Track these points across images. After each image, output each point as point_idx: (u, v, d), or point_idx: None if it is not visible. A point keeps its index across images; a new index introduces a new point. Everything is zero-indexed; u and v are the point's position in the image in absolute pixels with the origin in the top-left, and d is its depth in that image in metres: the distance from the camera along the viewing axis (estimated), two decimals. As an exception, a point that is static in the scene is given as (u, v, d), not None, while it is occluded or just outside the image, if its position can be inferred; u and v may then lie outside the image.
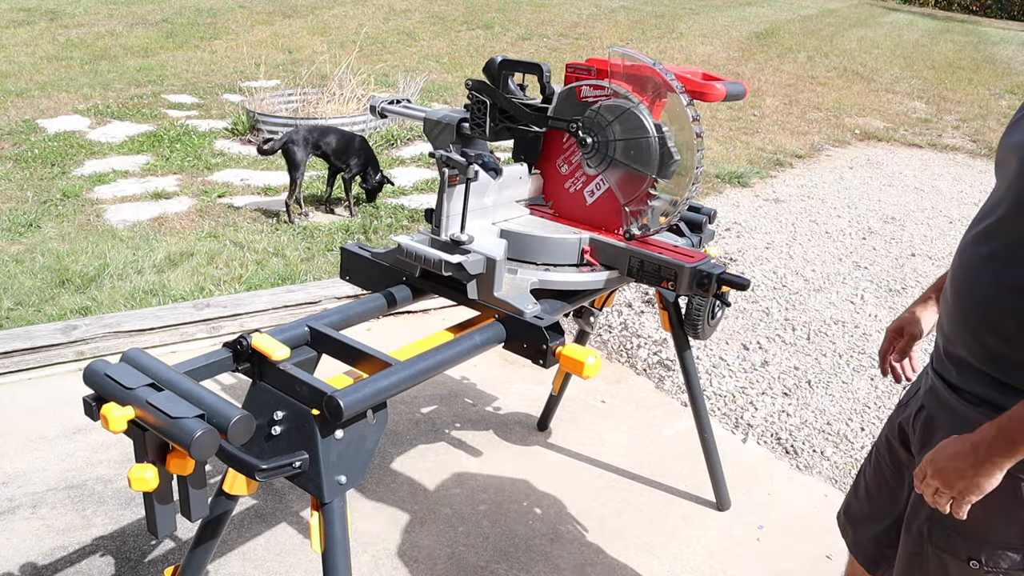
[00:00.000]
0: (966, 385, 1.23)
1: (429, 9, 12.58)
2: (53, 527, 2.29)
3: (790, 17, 15.38)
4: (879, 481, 1.52)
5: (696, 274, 1.66)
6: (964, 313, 1.23)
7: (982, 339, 1.20)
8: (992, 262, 1.19)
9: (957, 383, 1.25)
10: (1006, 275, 1.16)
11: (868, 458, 1.58)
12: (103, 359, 1.33)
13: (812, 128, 7.65)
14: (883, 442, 1.52)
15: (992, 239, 1.20)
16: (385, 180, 4.74)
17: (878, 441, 1.55)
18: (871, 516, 1.54)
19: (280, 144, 4.37)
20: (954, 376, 1.26)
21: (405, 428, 2.88)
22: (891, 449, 1.48)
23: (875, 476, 1.53)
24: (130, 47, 9.04)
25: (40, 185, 4.88)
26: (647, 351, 3.48)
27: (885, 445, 1.51)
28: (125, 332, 3.16)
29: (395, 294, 1.75)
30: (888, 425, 1.51)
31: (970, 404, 1.22)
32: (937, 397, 1.30)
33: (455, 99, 7.39)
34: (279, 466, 1.30)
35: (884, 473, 1.50)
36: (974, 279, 1.22)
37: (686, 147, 1.66)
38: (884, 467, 1.50)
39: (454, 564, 2.26)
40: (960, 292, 1.25)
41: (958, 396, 1.24)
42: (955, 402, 1.24)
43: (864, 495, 1.57)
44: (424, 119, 1.89)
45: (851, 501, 1.62)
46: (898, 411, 1.48)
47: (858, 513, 1.59)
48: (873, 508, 1.54)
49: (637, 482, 2.67)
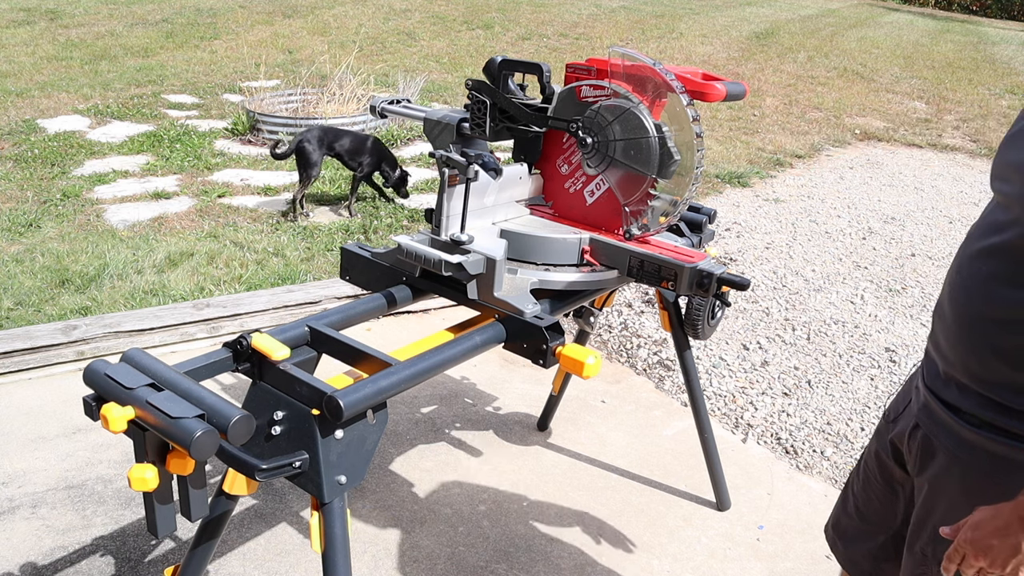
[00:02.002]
0: (966, 407, 1.19)
1: (429, 9, 12.58)
2: (53, 527, 2.29)
3: (790, 17, 15.38)
4: (869, 497, 1.48)
5: (696, 274, 1.66)
6: (964, 334, 1.19)
7: (984, 362, 1.16)
8: (995, 282, 1.14)
9: (957, 404, 1.20)
10: (1010, 297, 1.12)
11: (856, 472, 1.54)
12: (103, 359, 1.33)
13: (812, 128, 7.65)
14: (872, 457, 1.47)
15: (995, 258, 1.15)
16: (406, 173, 4.82)
17: (866, 455, 1.50)
18: (863, 532, 1.51)
19: (294, 146, 4.43)
20: (954, 397, 1.21)
21: (405, 428, 2.88)
22: (882, 465, 1.43)
23: (864, 491, 1.50)
24: (130, 47, 9.04)
25: (40, 185, 4.88)
26: (647, 351, 3.48)
27: (875, 460, 1.46)
28: (125, 332, 3.16)
29: (395, 294, 1.75)
30: (877, 438, 1.46)
31: (971, 426, 1.18)
32: (932, 416, 1.25)
33: (455, 99, 7.39)
34: (279, 466, 1.31)
35: (875, 489, 1.46)
36: (975, 299, 1.17)
37: (686, 147, 1.66)
38: (874, 482, 1.46)
39: (454, 564, 2.26)
40: (960, 313, 1.20)
41: (957, 417, 1.20)
42: (954, 423, 1.20)
43: (854, 511, 1.53)
44: (424, 119, 1.89)
45: (839, 516, 1.58)
46: (887, 426, 1.43)
47: (849, 528, 1.55)
48: (865, 524, 1.50)
49: (637, 482, 2.67)
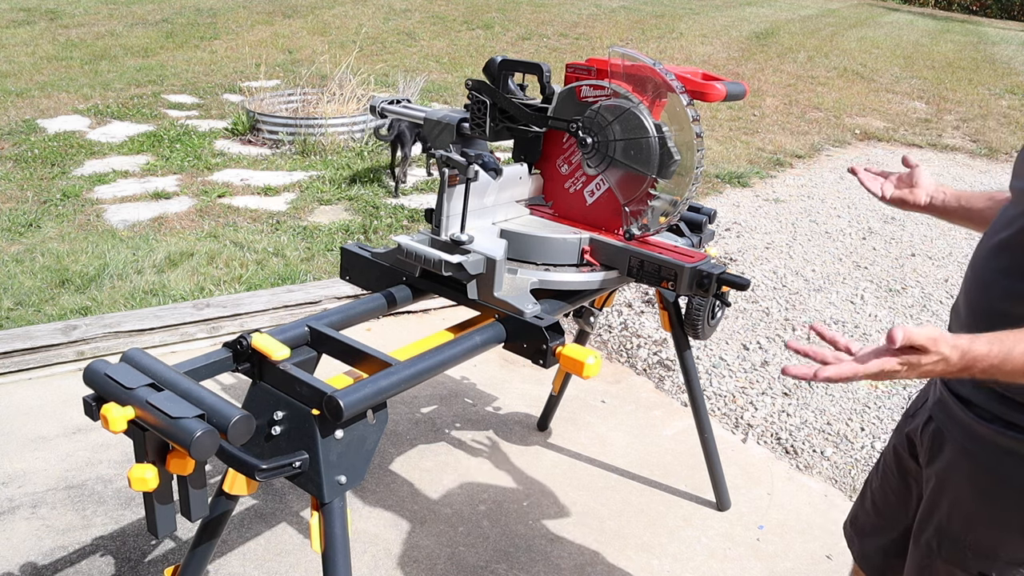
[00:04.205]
0: (978, 400, 1.21)
1: (429, 9, 12.57)
2: (53, 527, 2.29)
3: (790, 17, 15.38)
4: (886, 492, 1.50)
5: (696, 274, 1.66)
6: (977, 328, 1.18)
7: None
8: (1007, 276, 1.16)
9: (969, 397, 1.23)
10: (1021, 290, 1.13)
11: (875, 468, 1.56)
12: (103, 359, 1.33)
13: (812, 128, 7.65)
14: (890, 452, 1.50)
15: (1006, 252, 1.17)
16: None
17: (885, 451, 1.53)
18: (878, 528, 1.52)
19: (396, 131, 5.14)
20: (967, 391, 1.24)
21: (405, 428, 2.88)
22: (899, 459, 1.46)
23: (882, 487, 1.51)
24: (130, 47, 9.04)
25: (40, 185, 4.88)
26: (647, 351, 3.48)
27: (892, 455, 1.48)
28: (125, 332, 3.16)
29: (395, 294, 1.75)
30: (896, 434, 1.49)
31: (981, 419, 1.20)
32: (946, 410, 1.28)
33: (455, 99, 7.39)
34: (279, 466, 1.31)
35: (891, 484, 1.48)
36: (988, 293, 1.19)
37: (686, 147, 1.66)
38: (891, 477, 1.48)
39: (454, 564, 2.26)
40: (974, 308, 1.22)
41: (968, 410, 1.22)
42: (964, 416, 1.23)
43: (871, 506, 1.55)
44: (424, 119, 1.89)
45: (858, 511, 1.60)
46: (905, 421, 1.46)
47: (865, 524, 1.56)
48: (880, 519, 1.52)
49: (637, 482, 2.67)
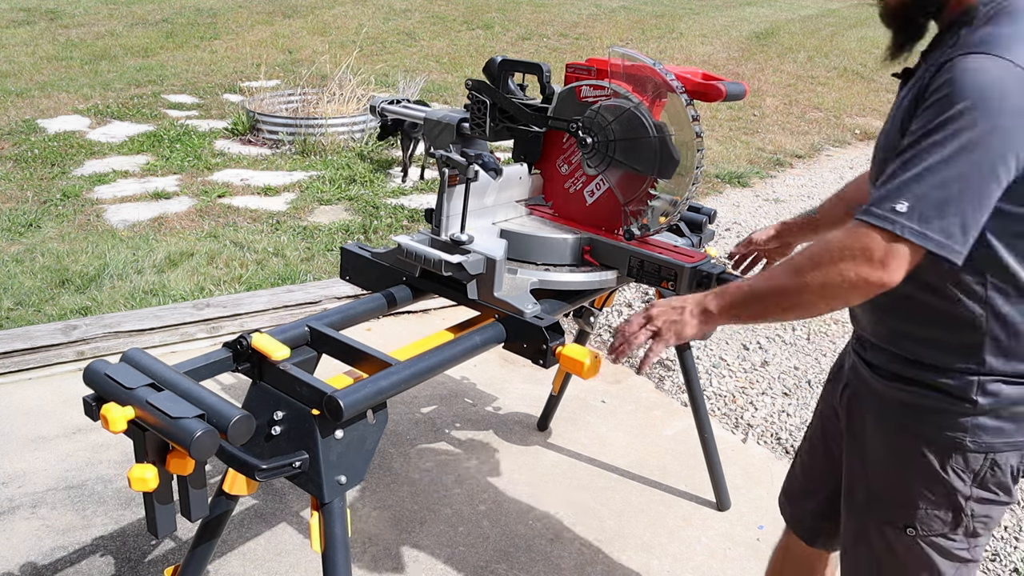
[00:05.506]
0: (878, 362, 1.33)
1: (429, 9, 12.58)
2: (53, 527, 2.29)
3: (790, 17, 15.38)
4: (814, 457, 1.59)
5: (696, 274, 1.67)
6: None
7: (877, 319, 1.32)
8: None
9: (872, 360, 1.35)
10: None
11: (805, 436, 1.65)
12: (103, 359, 1.34)
13: (812, 128, 7.65)
14: (817, 418, 1.59)
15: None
16: None
17: (813, 418, 1.63)
18: (807, 491, 1.61)
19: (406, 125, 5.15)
20: (870, 355, 1.36)
21: (405, 428, 2.88)
22: (824, 424, 1.55)
23: (810, 452, 1.61)
24: (130, 47, 9.04)
25: (40, 185, 4.88)
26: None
27: (818, 421, 1.58)
28: (125, 332, 3.16)
29: (395, 294, 1.75)
30: (822, 400, 1.58)
31: (884, 379, 1.31)
32: (858, 375, 1.39)
33: (455, 99, 7.39)
34: (279, 466, 1.31)
35: (817, 449, 1.57)
36: None
37: (686, 147, 1.66)
38: (817, 443, 1.57)
39: (454, 564, 2.26)
40: None
41: (874, 373, 1.34)
42: (872, 379, 1.34)
43: (800, 471, 1.64)
44: (424, 119, 1.90)
45: (790, 479, 1.69)
46: (827, 386, 1.57)
47: (795, 489, 1.66)
48: (808, 483, 1.61)
49: (637, 482, 2.67)
